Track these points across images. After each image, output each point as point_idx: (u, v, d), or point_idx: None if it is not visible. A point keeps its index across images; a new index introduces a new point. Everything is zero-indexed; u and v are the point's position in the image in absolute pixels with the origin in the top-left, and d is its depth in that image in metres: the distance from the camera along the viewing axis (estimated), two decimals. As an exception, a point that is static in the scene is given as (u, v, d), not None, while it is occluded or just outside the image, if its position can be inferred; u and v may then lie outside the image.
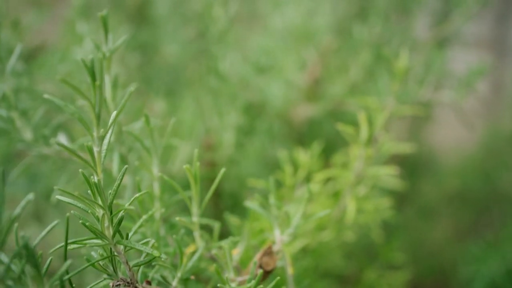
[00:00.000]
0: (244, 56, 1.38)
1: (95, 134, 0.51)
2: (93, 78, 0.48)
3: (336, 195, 1.04)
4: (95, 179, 0.52)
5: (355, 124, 1.37)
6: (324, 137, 1.39)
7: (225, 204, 1.21)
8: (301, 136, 1.36)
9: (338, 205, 0.94)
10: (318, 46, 1.42)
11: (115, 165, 0.74)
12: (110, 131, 0.51)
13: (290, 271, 0.70)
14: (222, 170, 0.65)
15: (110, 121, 0.51)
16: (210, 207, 1.22)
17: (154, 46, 1.87)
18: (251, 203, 0.72)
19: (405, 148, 0.99)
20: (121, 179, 0.53)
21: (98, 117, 0.50)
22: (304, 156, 0.97)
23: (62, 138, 0.82)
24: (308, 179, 1.07)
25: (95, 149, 0.52)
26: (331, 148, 1.45)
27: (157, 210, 0.72)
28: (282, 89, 1.29)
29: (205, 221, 0.73)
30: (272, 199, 0.68)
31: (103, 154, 0.52)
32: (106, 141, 0.52)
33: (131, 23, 2.04)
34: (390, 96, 0.95)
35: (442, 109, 1.58)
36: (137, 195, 0.58)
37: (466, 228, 1.97)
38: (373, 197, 1.02)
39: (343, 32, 1.60)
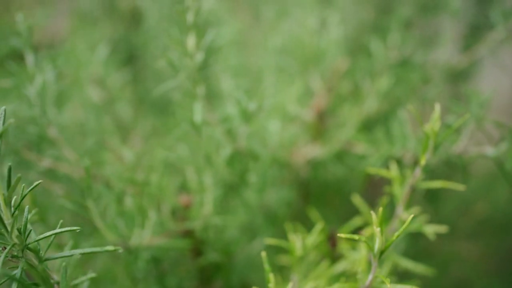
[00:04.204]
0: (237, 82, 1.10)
1: None
2: None
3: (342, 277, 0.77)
4: None
5: (364, 170, 1.09)
6: (329, 183, 1.12)
7: (208, 275, 0.95)
8: (303, 181, 1.08)
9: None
10: (326, 70, 1.13)
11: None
12: None
13: None
14: None
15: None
16: (196, 276, 0.96)
17: (144, 59, 1.61)
18: None
19: (431, 231, 0.71)
20: None
21: None
22: (299, 245, 0.69)
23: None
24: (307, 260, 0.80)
25: None
26: (337, 193, 1.18)
27: None
28: (280, 128, 1.00)
29: None
30: None
31: None
32: None
33: (126, 29, 1.80)
34: (417, 168, 0.67)
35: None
36: None
37: (496, 256, 1.69)
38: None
39: (355, 49, 1.29)
